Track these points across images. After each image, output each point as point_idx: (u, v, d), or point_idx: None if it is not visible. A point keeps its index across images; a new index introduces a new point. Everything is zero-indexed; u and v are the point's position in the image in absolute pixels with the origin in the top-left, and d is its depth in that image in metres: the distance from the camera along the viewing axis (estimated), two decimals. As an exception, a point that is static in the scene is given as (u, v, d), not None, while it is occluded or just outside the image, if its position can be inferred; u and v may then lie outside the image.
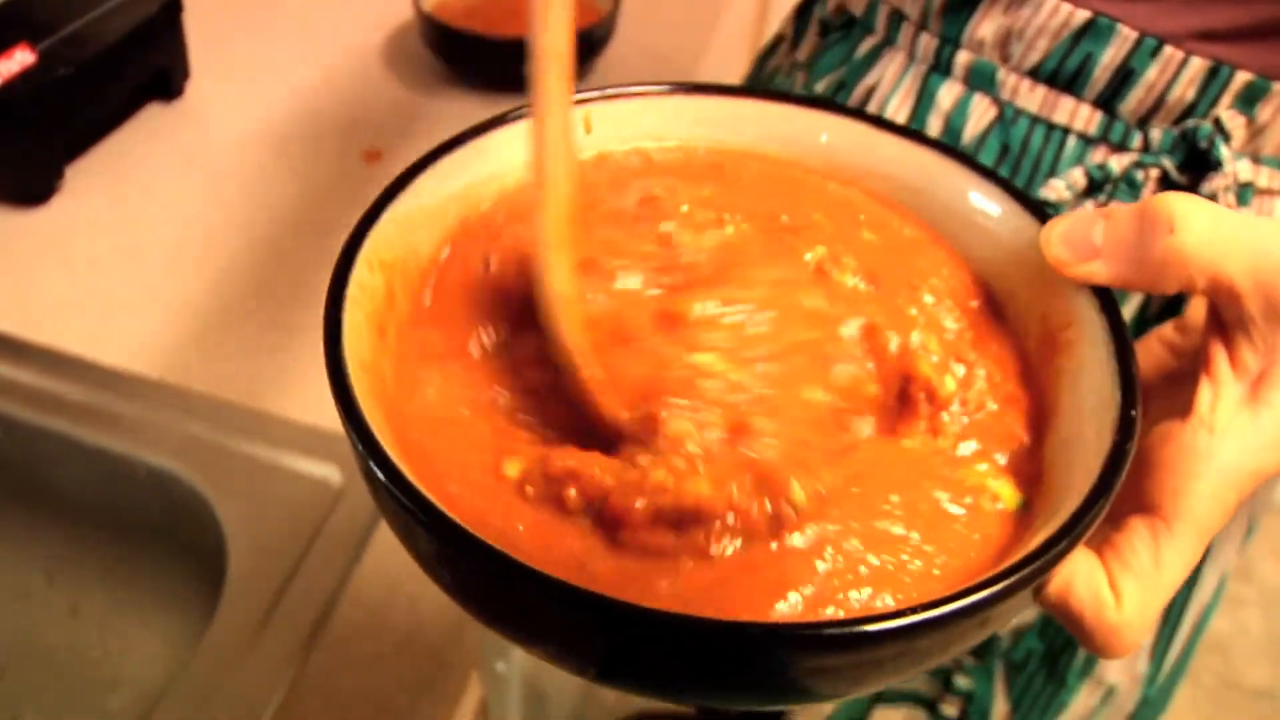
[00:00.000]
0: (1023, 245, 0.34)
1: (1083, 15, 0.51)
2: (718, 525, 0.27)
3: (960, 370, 0.32)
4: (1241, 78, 0.49)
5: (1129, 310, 0.55)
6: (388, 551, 0.56)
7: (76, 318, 0.68)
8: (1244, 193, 0.52)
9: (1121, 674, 0.70)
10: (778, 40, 0.71)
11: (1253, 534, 0.70)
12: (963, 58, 0.55)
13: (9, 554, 0.68)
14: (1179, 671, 0.72)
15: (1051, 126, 0.54)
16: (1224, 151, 0.50)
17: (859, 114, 0.38)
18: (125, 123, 0.84)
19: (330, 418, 0.60)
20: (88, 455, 0.62)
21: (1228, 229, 0.30)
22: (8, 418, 0.63)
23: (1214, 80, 0.50)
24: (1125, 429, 0.28)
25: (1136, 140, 0.52)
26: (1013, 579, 0.25)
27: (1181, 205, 0.30)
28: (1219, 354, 0.31)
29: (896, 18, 0.58)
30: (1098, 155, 0.53)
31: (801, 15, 0.69)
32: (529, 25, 0.32)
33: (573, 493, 0.28)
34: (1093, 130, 0.53)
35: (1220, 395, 0.30)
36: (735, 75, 0.94)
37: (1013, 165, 0.55)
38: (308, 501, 0.58)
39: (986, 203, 0.35)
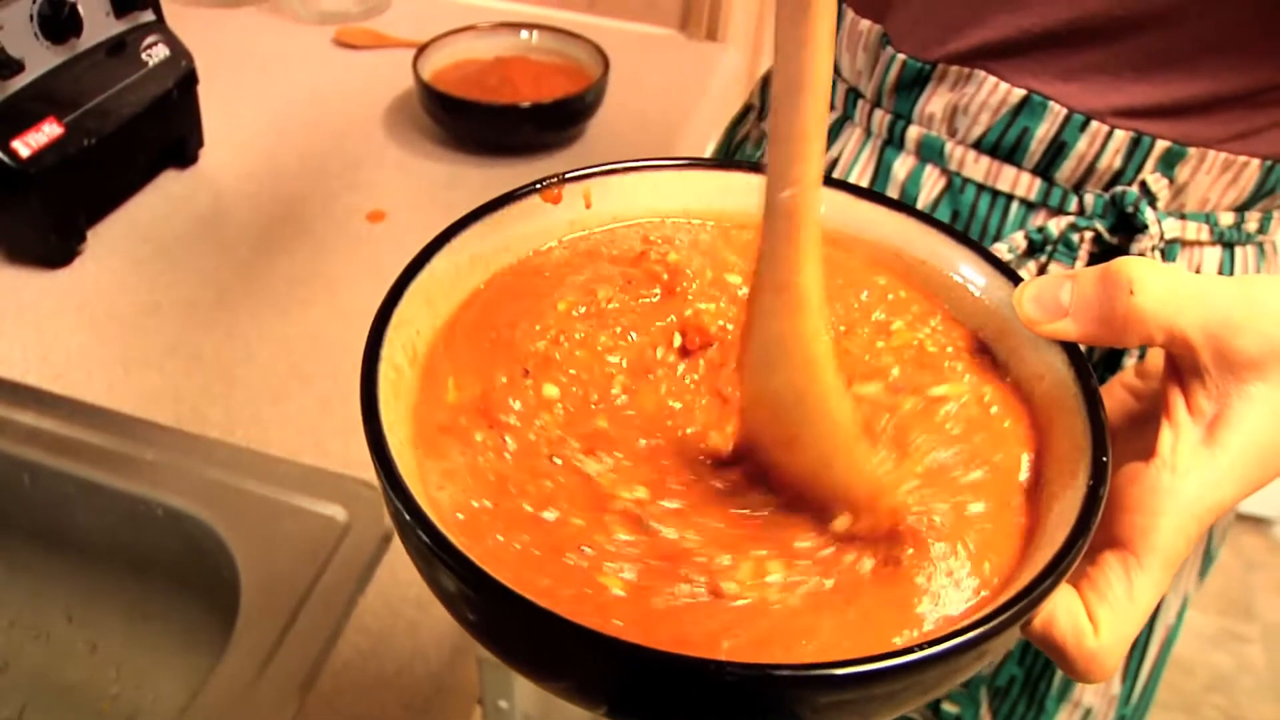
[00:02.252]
0: (998, 306, 0.37)
1: (1019, 94, 0.56)
2: None
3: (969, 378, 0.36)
4: (1161, 145, 0.54)
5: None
6: (390, 583, 0.60)
7: (98, 370, 0.73)
8: (1171, 248, 0.57)
9: (1097, 696, 0.73)
10: (746, 109, 0.76)
11: (1213, 560, 0.74)
12: (914, 132, 0.60)
13: (32, 596, 0.72)
14: (1150, 691, 0.75)
15: (996, 194, 0.58)
16: (1149, 214, 0.55)
17: (868, 193, 0.41)
18: (144, 188, 0.90)
19: (335, 460, 0.65)
20: (108, 498, 0.66)
21: (1182, 289, 0.33)
22: (33, 464, 0.67)
23: (1137, 149, 0.55)
24: (1098, 473, 0.31)
25: (1073, 204, 0.57)
26: (1007, 614, 0.27)
27: (1140, 269, 0.33)
28: (1177, 400, 0.34)
29: (854, 95, 0.63)
30: (1038, 219, 0.58)
31: (768, 86, 0.75)
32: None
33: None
34: (1033, 196, 0.58)
35: (1180, 438, 0.33)
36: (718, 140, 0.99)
37: (962, 229, 0.60)
38: (315, 538, 0.62)
39: (972, 272, 0.39)
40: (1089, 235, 0.57)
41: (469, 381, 0.35)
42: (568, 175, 0.39)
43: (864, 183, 0.62)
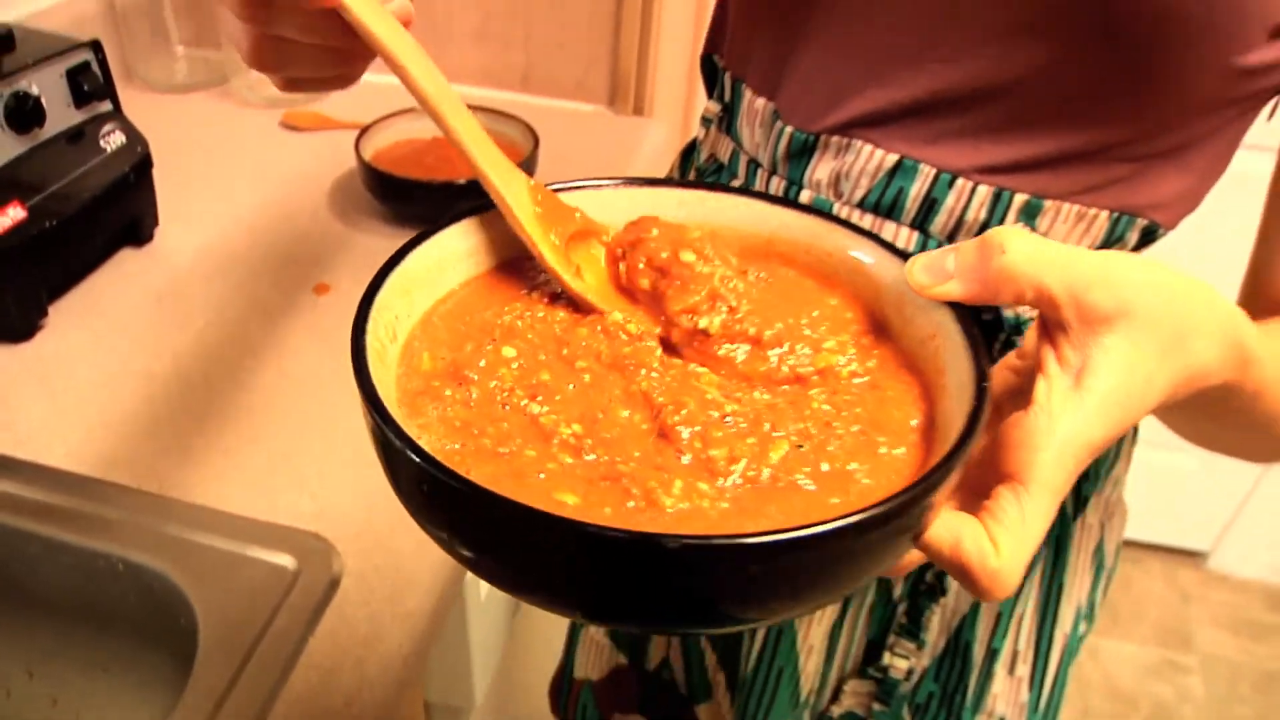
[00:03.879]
0: (892, 281, 0.44)
1: (892, 158, 0.64)
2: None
3: (852, 350, 0.43)
4: (1020, 198, 0.62)
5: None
6: (339, 623, 0.65)
7: (60, 436, 0.77)
8: None
9: (1008, 704, 0.80)
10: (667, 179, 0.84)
11: (1105, 572, 0.81)
12: (805, 196, 0.68)
13: (-6, 653, 0.76)
14: (1056, 698, 0.82)
15: None
16: None
17: (762, 194, 0.49)
18: (102, 265, 0.95)
19: (285, 514, 0.70)
20: (71, 555, 0.71)
21: (1047, 252, 0.39)
22: (-1, 527, 0.72)
23: (999, 202, 0.63)
24: (980, 396, 0.37)
25: None
26: (903, 499, 0.33)
27: (1010, 234, 0.39)
28: (1049, 355, 0.39)
29: (753, 165, 0.71)
30: None
31: (685, 159, 0.83)
32: (403, 83, 0.44)
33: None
34: (912, 248, 0.65)
35: (1052, 386, 0.38)
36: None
37: None
38: (268, 585, 0.67)
39: (850, 246, 0.46)
40: None
41: (442, 353, 0.42)
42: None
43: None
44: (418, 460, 0.33)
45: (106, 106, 0.94)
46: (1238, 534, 2.40)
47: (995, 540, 0.37)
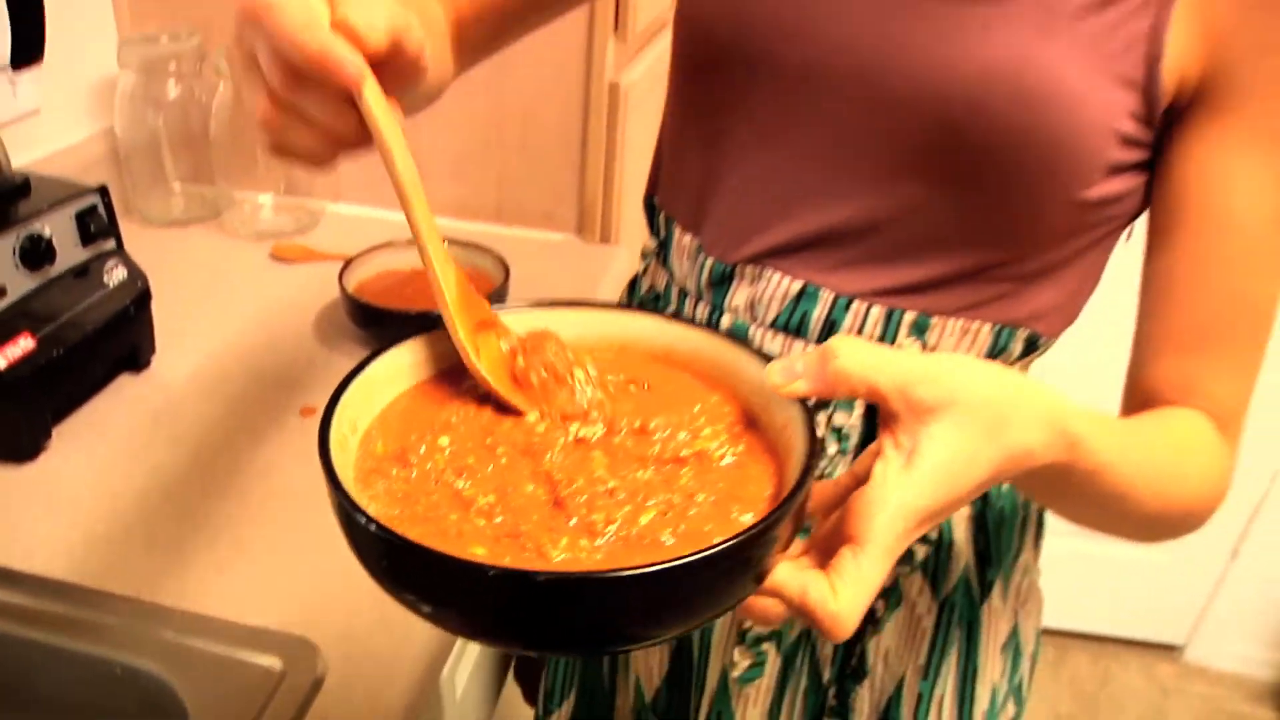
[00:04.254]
0: (759, 381, 0.52)
1: (798, 284, 0.73)
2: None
3: (724, 437, 0.52)
4: (909, 316, 0.72)
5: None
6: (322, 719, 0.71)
7: (62, 549, 0.83)
8: None
9: None
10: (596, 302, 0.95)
11: (1026, 657, 0.87)
12: (726, 319, 0.77)
13: (-7, 757, 0.81)
14: None
15: None
16: None
17: (663, 314, 0.59)
18: (102, 390, 1.02)
19: (272, 619, 0.76)
20: (70, 661, 0.76)
21: (875, 357, 0.47)
22: (1, 635, 0.77)
23: (891, 321, 0.72)
24: (805, 471, 0.45)
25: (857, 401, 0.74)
26: (738, 540, 0.41)
27: (842, 343, 0.48)
28: (886, 440, 0.48)
29: (683, 293, 0.80)
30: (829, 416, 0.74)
31: (631, 289, 0.92)
32: (387, 166, 0.52)
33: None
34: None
35: (888, 466, 0.46)
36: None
37: None
38: (256, 686, 0.72)
39: (728, 355, 0.56)
40: (858, 412, 0.73)
41: (392, 441, 0.52)
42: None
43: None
44: (362, 521, 0.43)
45: (111, 245, 1.03)
46: (1211, 626, 2.45)
47: (835, 589, 0.45)
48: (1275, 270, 0.67)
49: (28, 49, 0.90)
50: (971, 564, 0.81)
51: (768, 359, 0.52)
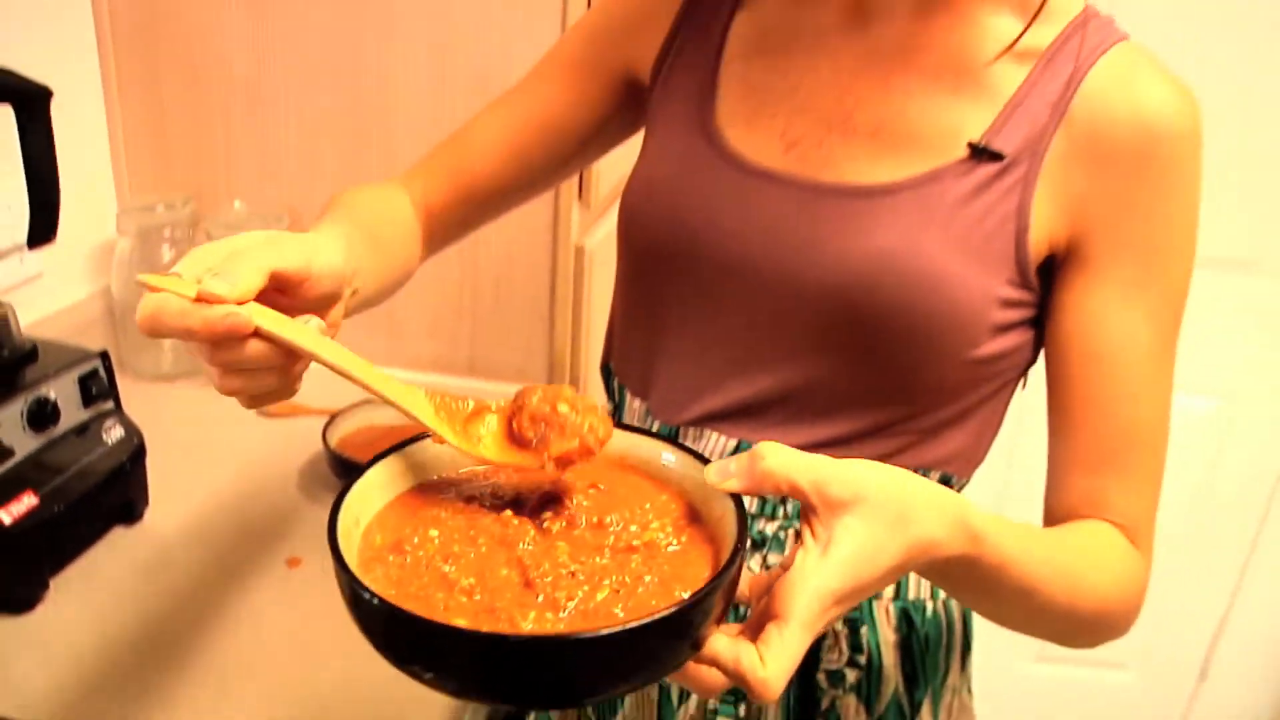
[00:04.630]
0: (699, 481, 0.60)
1: (734, 442, 0.83)
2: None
3: (670, 529, 0.60)
4: None
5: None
6: None
7: (57, 698, 0.88)
8: None
9: None
10: None
11: None
12: None
13: None
14: None
15: None
16: None
17: (620, 425, 0.66)
18: (97, 542, 1.08)
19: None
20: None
21: (798, 459, 0.56)
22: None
23: None
24: (732, 557, 0.54)
25: (780, 511, 0.82)
26: (680, 608, 0.50)
27: (768, 448, 0.56)
28: (805, 531, 0.56)
29: None
30: (759, 524, 0.84)
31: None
32: (314, 359, 0.60)
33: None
34: (753, 509, 0.83)
35: (807, 554, 0.54)
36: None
37: None
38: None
39: (674, 460, 0.65)
40: (792, 531, 0.83)
41: (389, 534, 0.60)
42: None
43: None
44: (367, 597, 0.51)
45: (109, 405, 1.10)
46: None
47: (763, 658, 0.52)
48: (1159, 396, 0.77)
49: (45, 231, 0.99)
50: (900, 686, 0.88)
51: (705, 460, 0.61)
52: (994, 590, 0.65)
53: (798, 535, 0.83)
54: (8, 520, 0.96)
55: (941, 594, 0.89)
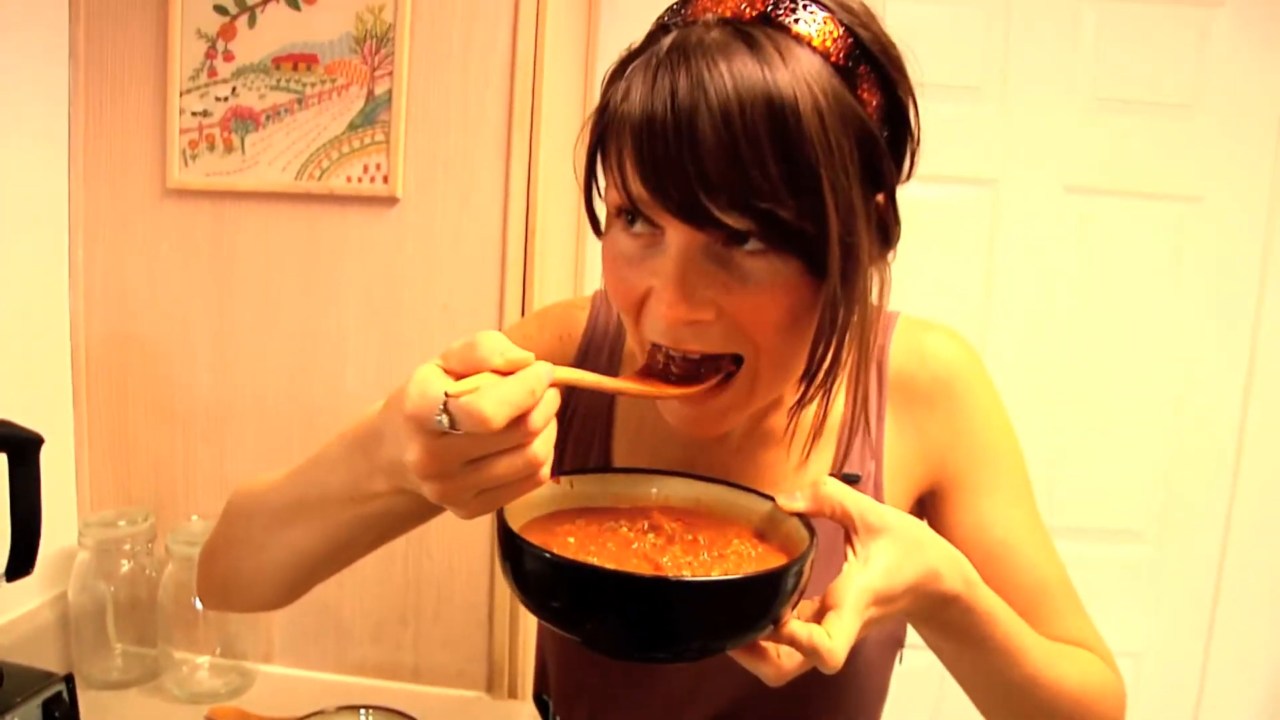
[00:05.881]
0: (766, 513, 0.75)
1: None
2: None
3: (749, 544, 0.73)
4: None
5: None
6: None
7: None
8: None
9: None
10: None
11: None
12: None
13: None
14: None
15: None
16: None
17: (694, 476, 0.81)
18: None
19: None
20: None
21: (847, 491, 0.71)
22: None
23: None
24: (811, 542, 0.68)
25: None
26: (777, 570, 0.64)
27: (824, 477, 0.72)
28: (849, 550, 0.70)
29: None
30: None
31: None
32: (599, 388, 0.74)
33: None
34: None
35: (851, 564, 0.68)
36: None
37: None
38: None
39: (740, 499, 0.78)
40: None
41: (535, 539, 0.68)
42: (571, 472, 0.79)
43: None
44: (536, 552, 0.64)
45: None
46: None
47: (830, 633, 0.65)
48: (1046, 550, 0.90)
49: (23, 567, 1.07)
50: None
51: (769, 496, 0.75)
52: (983, 642, 0.76)
53: None
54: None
55: None
